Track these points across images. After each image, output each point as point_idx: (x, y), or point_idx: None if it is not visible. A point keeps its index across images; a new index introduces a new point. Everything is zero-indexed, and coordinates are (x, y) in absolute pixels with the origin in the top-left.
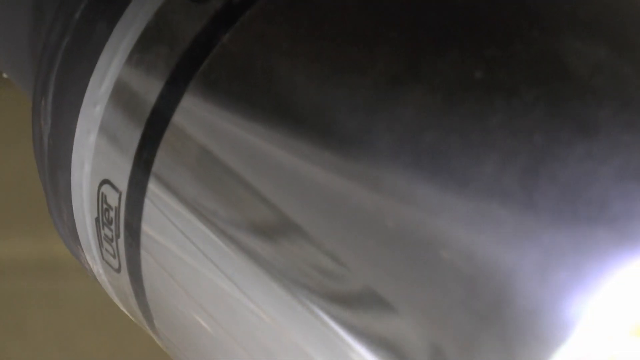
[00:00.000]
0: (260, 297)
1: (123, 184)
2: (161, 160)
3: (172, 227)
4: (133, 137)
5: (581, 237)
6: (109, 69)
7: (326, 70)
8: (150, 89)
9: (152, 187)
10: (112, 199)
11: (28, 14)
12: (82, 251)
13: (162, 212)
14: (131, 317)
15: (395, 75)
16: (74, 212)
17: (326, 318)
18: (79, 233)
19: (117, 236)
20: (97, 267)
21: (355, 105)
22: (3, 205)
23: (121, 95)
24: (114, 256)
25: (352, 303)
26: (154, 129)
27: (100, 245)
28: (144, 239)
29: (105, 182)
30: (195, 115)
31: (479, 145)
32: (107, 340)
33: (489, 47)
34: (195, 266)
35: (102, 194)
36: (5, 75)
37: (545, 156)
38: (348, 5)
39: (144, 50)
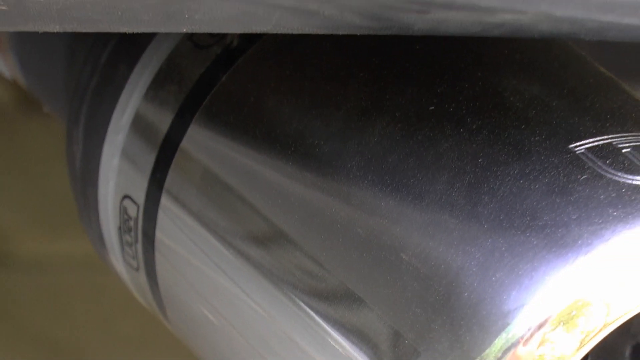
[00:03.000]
0: (255, 293)
1: (141, 198)
2: (172, 178)
3: (181, 234)
4: (149, 160)
5: (516, 243)
6: (129, 103)
7: (307, 104)
8: (163, 120)
9: (164, 201)
10: (132, 211)
11: (64, 59)
12: (108, 253)
13: (173, 221)
14: (148, 308)
15: (363, 108)
16: (101, 221)
17: (309, 310)
18: (104, 238)
19: (136, 241)
20: (120, 266)
21: (331, 133)
22: (55, 212)
23: (139, 126)
24: (133, 258)
25: (329, 297)
26: (166, 153)
27: (122, 249)
28: (157, 244)
29: (126, 197)
30: (199, 142)
31: (432, 166)
32: (141, 324)
33: (440, 85)
34: (200, 267)
35: (124, 206)
36: (45, 110)
37: (486, 175)
38: (325, 51)
39: (157, 88)
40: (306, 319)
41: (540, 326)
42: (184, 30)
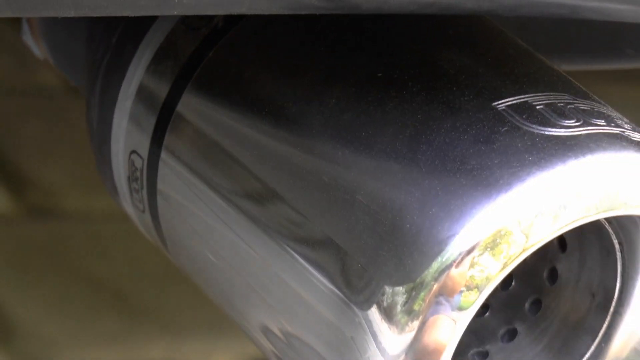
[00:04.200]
0: (238, 230)
1: (145, 153)
2: (169, 137)
3: (177, 182)
4: (151, 121)
5: (449, 183)
6: (134, 76)
7: (278, 73)
8: (162, 89)
9: (164, 155)
10: (138, 163)
11: (83, 41)
12: (120, 198)
13: (171, 172)
14: (152, 242)
15: (324, 76)
16: (113, 172)
17: (290, 250)
18: (117, 186)
19: (142, 188)
20: (129, 209)
21: (297, 97)
22: (95, 175)
23: (143, 94)
24: (140, 202)
25: (299, 232)
26: (164, 116)
27: (131, 194)
28: (159, 190)
29: (133, 152)
30: (192, 106)
31: (380, 121)
32: (167, 263)
33: (387, 56)
34: (193, 209)
35: (131, 160)
36: (71, 84)
37: (424, 128)
38: (293, 29)
39: (157, 63)
40: (289, 258)
41: (469, 251)
42: (175, 12)
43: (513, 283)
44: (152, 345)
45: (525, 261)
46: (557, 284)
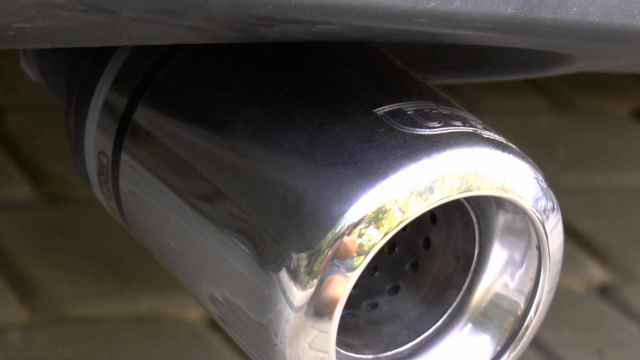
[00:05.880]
0: (181, 210)
1: (109, 153)
2: (128, 141)
3: (135, 176)
4: (113, 128)
5: (339, 173)
6: (101, 93)
7: (210, 89)
8: (121, 104)
9: (123, 155)
10: (104, 161)
11: (65, 66)
12: (92, 188)
13: (129, 167)
14: (118, 221)
15: (245, 90)
16: (87, 169)
17: (221, 228)
18: (90, 179)
19: (108, 180)
20: (100, 196)
21: (225, 107)
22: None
23: (107, 107)
24: (107, 191)
25: (228, 213)
26: (123, 124)
27: (100, 185)
28: (120, 183)
29: (101, 152)
30: (144, 117)
31: (286, 125)
32: None
33: (293, 75)
34: (147, 198)
35: (100, 159)
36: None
37: (320, 131)
38: (224, 55)
39: (118, 83)
40: (213, 227)
41: (356, 225)
42: (126, 44)
43: (396, 249)
44: (140, 301)
45: (405, 232)
46: (430, 249)
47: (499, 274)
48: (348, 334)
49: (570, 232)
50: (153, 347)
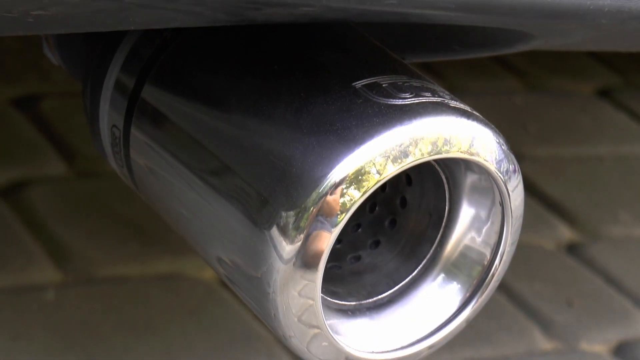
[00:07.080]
0: (192, 184)
1: (121, 127)
2: (136, 115)
3: (143, 146)
4: (124, 104)
5: (322, 140)
6: (112, 74)
7: (209, 68)
8: (130, 83)
9: (133, 128)
10: (117, 134)
11: (83, 51)
12: (107, 158)
13: (138, 139)
14: (131, 187)
15: (240, 68)
16: (102, 141)
17: (220, 192)
18: (105, 151)
19: (120, 151)
20: (114, 165)
21: (223, 83)
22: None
23: (118, 86)
24: (120, 160)
25: (225, 178)
26: (133, 100)
27: (114, 156)
28: (131, 154)
29: (114, 126)
30: (151, 94)
31: (276, 98)
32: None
33: (281, 54)
34: (155, 166)
35: (113, 132)
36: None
37: (305, 103)
38: (220, 37)
39: (127, 64)
40: (213, 192)
41: (338, 184)
42: (132, 28)
43: (376, 208)
44: (160, 262)
45: (384, 192)
46: (406, 208)
47: (467, 228)
48: (334, 284)
49: (542, 197)
50: (172, 302)
